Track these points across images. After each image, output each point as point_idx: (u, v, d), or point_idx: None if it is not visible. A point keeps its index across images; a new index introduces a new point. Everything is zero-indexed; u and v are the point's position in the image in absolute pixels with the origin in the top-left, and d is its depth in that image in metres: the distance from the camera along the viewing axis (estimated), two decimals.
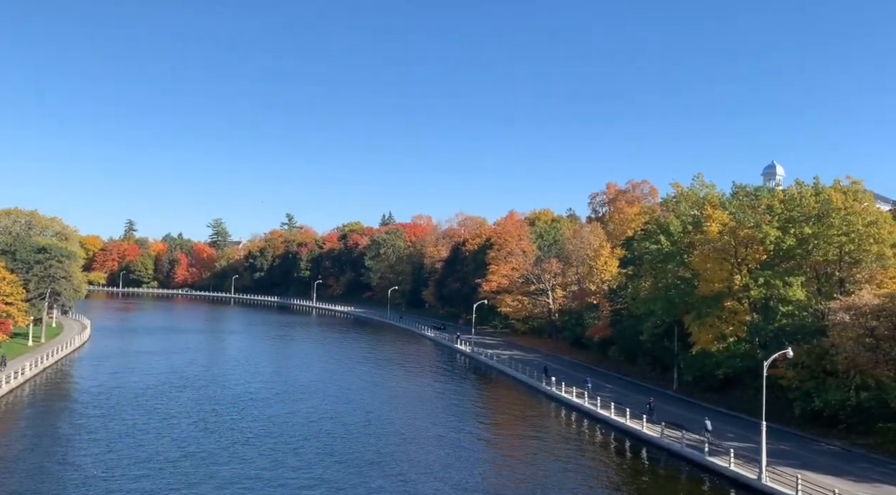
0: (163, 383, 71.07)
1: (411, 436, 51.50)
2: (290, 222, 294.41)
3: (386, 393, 70.17)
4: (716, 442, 46.68)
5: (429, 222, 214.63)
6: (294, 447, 47.27)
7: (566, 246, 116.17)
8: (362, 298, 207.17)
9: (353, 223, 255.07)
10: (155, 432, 50.15)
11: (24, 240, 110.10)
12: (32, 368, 73.29)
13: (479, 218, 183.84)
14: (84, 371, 78.90)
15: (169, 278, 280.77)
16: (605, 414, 58.17)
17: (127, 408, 58.06)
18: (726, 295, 62.62)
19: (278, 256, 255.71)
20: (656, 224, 75.36)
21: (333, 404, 62.85)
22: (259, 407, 60.36)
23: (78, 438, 48.06)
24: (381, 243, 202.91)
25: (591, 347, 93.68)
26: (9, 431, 50.38)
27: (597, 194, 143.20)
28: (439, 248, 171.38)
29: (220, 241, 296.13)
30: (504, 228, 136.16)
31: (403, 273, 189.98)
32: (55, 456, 43.39)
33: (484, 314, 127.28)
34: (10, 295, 79.48)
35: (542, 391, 71.05)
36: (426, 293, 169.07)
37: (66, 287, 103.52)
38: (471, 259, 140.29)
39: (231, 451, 45.70)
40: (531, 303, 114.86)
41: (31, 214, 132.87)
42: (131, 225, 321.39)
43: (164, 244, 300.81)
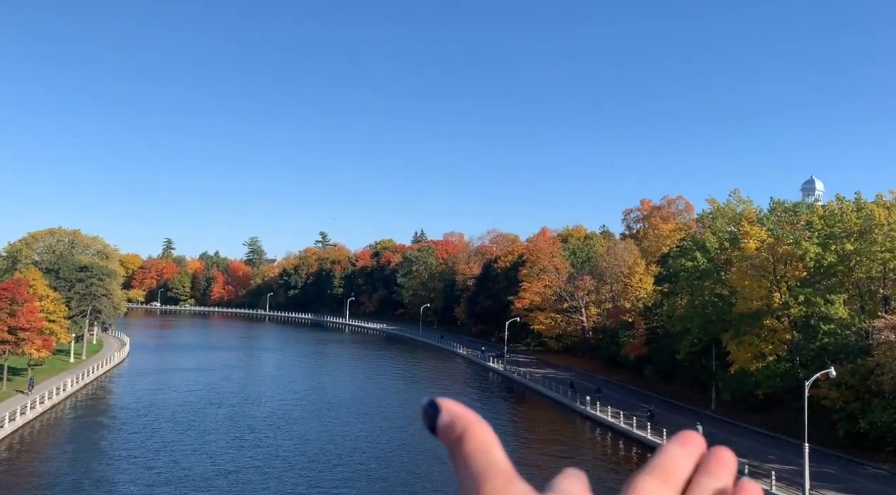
0: (199, 400, 72.02)
1: (445, 457, 51.14)
2: (324, 240, 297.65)
3: (420, 412, 69.92)
4: (754, 463, 45.55)
5: (461, 239, 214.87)
6: (329, 466, 47.40)
7: (600, 263, 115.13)
8: (394, 315, 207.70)
9: (386, 240, 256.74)
10: (191, 449, 50.76)
11: (66, 259, 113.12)
12: (73, 384, 74.94)
13: (511, 235, 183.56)
14: (123, 387, 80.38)
15: (206, 296, 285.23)
16: (641, 434, 57.21)
17: (164, 425, 58.93)
18: (765, 313, 61.32)
19: (312, 274, 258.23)
20: (692, 240, 74.38)
21: (367, 422, 62.92)
22: (294, 425, 60.73)
23: (116, 454, 48.90)
24: (413, 260, 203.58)
25: (627, 366, 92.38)
26: (50, 447, 51.50)
27: (631, 210, 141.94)
28: (471, 265, 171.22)
29: (255, 259, 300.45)
30: (536, 245, 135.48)
31: (435, 290, 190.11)
32: (94, 473, 44.16)
33: (516, 332, 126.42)
34: (54, 312, 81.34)
35: (577, 410, 70.21)
36: (458, 310, 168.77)
37: (107, 304, 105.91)
38: (503, 276, 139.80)
39: (265, 470, 46.00)
40: (564, 321, 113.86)
41: (74, 233, 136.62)
42: (169, 243, 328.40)
43: (201, 262, 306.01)
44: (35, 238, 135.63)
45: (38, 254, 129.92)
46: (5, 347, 67.15)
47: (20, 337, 67.88)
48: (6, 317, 66.91)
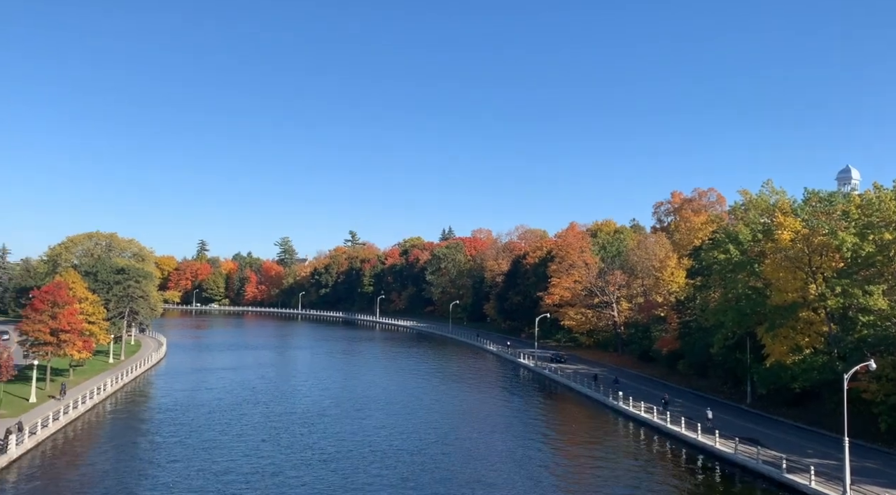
0: (235, 398, 73.22)
1: (479, 453, 51.33)
2: (353, 239, 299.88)
3: (451, 409, 70.25)
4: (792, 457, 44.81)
5: (489, 236, 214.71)
6: (363, 463, 47.87)
7: (630, 257, 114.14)
8: (424, 312, 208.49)
9: (414, 238, 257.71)
10: (228, 447, 51.70)
11: (104, 262, 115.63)
12: (113, 385, 76.72)
13: (540, 230, 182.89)
14: (161, 387, 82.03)
15: (239, 295, 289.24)
16: (675, 429, 56.70)
17: (202, 424, 60.07)
18: (801, 305, 60.19)
19: (342, 273, 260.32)
20: (725, 233, 73.31)
21: (400, 420, 63.34)
22: (328, 423, 61.42)
23: (156, 453, 49.99)
24: (441, 258, 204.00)
25: (659, 360, 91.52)
26: (92, 446, 52.79)
27: (661, 203, 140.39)
28: (500, 262, 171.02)
29: (287, 259, 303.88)
30: (565, 240, 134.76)
31: (464, 287, 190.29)
32: (134, 471, 45.21)
33: (547, 328, 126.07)
34: (93, 314, 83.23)
35: (609, 405, 69.83)
36: (487, 307, 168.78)
37: (144, 306, 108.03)
38: (532, 272, 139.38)
39: (301, 468, 46.65)
40: (595, 316, 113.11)
41: (111, 237, 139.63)
42: (203, 245, 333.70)
43: (235, 263, 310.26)
44: (74, 242, 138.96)
45: (77, 257, 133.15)
46: (48, 349, 68.94)
47: (61, 338, 69.62)
48: (48, 319, 68.68)
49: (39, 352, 68.94)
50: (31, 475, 44.10)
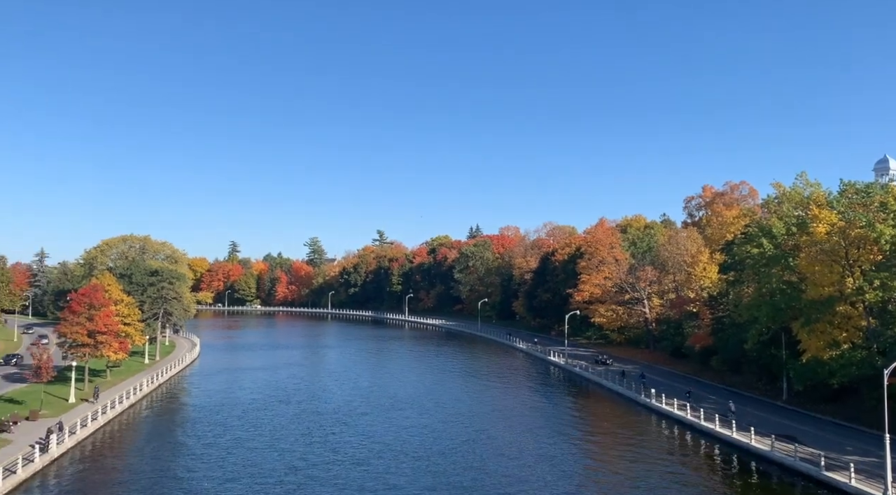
0: (267, 398, 74.08)
1: (510, 452, 51.19)
2: (381, 238, 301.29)
3: (482, 407, 70.17)
4: (831, 455, 43.85)
5: (516, 233, 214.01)
6: (396, 463, 48.07)
7: (661, 252, 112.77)
8: (453, 311, 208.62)
9: (442, 237, 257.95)
10: (261, 446, 52.33)
11: (138, 264, 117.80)
12: (149, 385, 78.15)
13: (568, 227, 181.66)
14: (195, 387, 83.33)
15: (270, 296, 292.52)
16: (709, 426, 55.92)
17: (235, 423, 60.89)
18: (838, 299, 58.85)
19: (371, 272, 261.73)
20: (758, 226, 72.02)
21: (431, 418, 63.46)
22: (359, 421, 61.81)
23: (191, 452, 50.79)
24: (469, 256, 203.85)
25: (692, 357, 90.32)
26: (129, 445, 53.85)
27: (692, 198, 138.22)
28: (528, 259, 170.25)
29: (316, 259, 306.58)
30: (594, 236, 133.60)
31: (493, 285, 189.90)
32: (170, 470, 46.00)
33: (577, 325, 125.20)
34: (128, 316, 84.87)
35: (641, 402, 69.14)
36: (516, 304, 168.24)
37: (177, 307, 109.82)
38: (561, 269, 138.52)
39: (333, 467, 47.01)
40: (626, 313, 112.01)
41: (145, 239, 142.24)
42: (235, 246, 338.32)
43: (265, 263, 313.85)
44: (109, 245, 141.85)
45: (111, 260, 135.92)
46: (85, 350, 70.49)
47: (98, 340, 71.11)
48: (85, 321, 70.19)
49: (77, 354, 70.51)
50: (71, 473, 45.14)
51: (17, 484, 41.40)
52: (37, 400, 64.25)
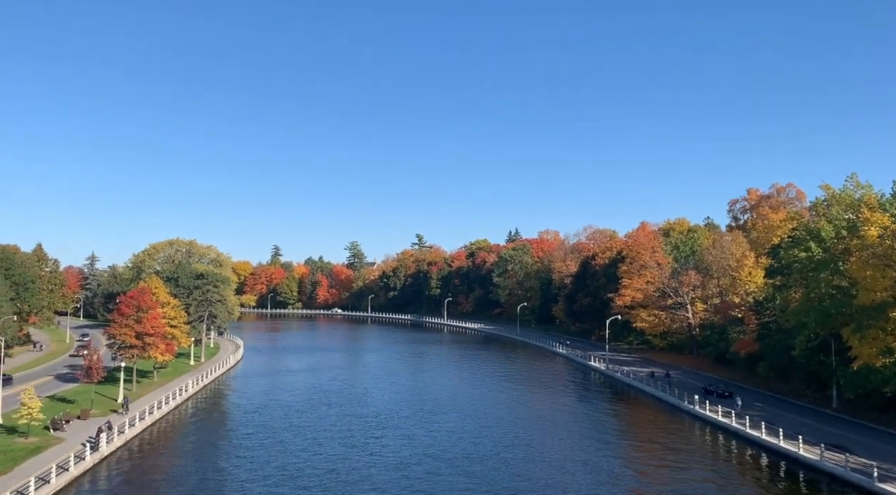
0: (309, 400, 74.99)
1: (551, 458, 50.79)
2: (420, 242, 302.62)
3: (523, 412, 69.83)
4: (884, 466, 42.38)
5: (556, 237, 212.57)
6: (434, 467, 48.16)
7: (705, 256, 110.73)
8: (492, 315, 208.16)
9: (480, 240, 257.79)
10: (303, 447, 53.01)
11: (184, 268, 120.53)
12: (194, 386, 79.87)
13: (609, 230, 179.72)
14: (239, 388, 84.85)
15: (311, 299, 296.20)
16: (754, 434, 54.64)
17: (278, 424, 61.80)
18: (891, 304, 56.89)
19: (410, 275, 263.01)
20: (805, 230, 70.25)
21: (471, 423, 63.41)
22: (400, 425, 62.13)
23: (235, 453, 51.73)
24: (508, 260, 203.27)
25: (737, 363, 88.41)
26: (175, 445, 55.11)
27: (737, 201, 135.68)
28: (568, 263, 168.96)
29: (356, 263, 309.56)
30: (636, 240, 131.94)
31: (532, 289, 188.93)
32: (215, 471, 46.91)
33: (618, 330, 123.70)
34: (175, 318, 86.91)
35: (685, 409, 67.93)
36: (556, 309, 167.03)
37: (222, 310, 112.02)
38: (601, 273, 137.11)
39: (373, 471, 47.33)
40: (669, 318, 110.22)
41: (191, 243, 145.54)
42: (277, 250, 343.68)
43: (307, 267, 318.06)
44: (156, 249, 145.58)
45: (159, 263, 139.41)
46: (133, 352, 72.45)
47: (146, 342, 73.05)
48: (133, 323, 72.17)
49: (126, 355, 72.49)
50: (120, 472, 46.41)
51: (69, 481, 42.74)
52: (87, 399, 66.24)
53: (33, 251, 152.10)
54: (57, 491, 40.75)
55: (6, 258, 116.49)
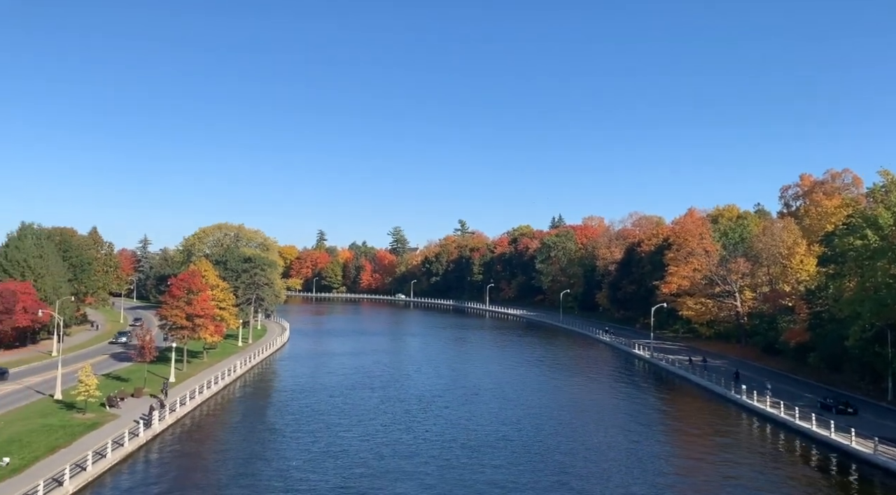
0: (353, 383, 76.12)
1: (596, 446, 50.54)
2: (463, 228, 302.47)
3: (565, 399, 69.58)
4: None
5: (600, 223, 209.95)
6: (476, 453, 48.45)
7: (755, 244, 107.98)
8: (534, 301, 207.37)
9: (523, 226, 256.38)
10: (348, 430, 53.94)
11: (233, 251, 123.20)
12: (242, 367, 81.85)
13: (655, 217, 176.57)
14: (285, 369, 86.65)
15: (355, 283, 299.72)
16: (804, 426, 53.36)
17: (323, 406, 62.95)
18: None
19: (452, 261, 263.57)
20: (862, 217, 67.87)
21: (513, 408, 63.51)
22: (442, 409, 62.63)
23: (281, 433, 52.94)
24: (551, 246, 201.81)
25: (786, 353, 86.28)
26: (224, 424, 56.67)
27: (789, 186, 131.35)
28: (612, 250, 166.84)
29: (399, 248, 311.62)
30: (683, 227, 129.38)
31: (575, 276, 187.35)
32: (261, 450, 48.11)
33: (663, 318, 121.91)
34: (223, 300, 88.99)
35: (731, 399, 66.73)
36: (599, 296, 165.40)
37: (269, 293, 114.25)
38: (647, 260, 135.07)
39: (416, 454, 47.84)
40: (716, 306, 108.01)
41: (239, 228, 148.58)
42: (322, 235, 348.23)
43: (351, 252, 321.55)
44: (206, 232, 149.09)
45: (208, 247, 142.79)
46: (184, 332, 74.53)
47: (196, 323, 75.07)
48: (184, 305, 74.20)
49: (177, 336, 74.63)
50: (172, 448, 47.99)
51: (124, 456, 44.38)
52: (141, 378, 68.54)
53: (89, 234, 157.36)
54: (112, 466, 42.38)
55: (64, 241, 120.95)
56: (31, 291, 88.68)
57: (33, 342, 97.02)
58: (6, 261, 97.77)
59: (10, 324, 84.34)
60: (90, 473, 39.74)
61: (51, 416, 52.27)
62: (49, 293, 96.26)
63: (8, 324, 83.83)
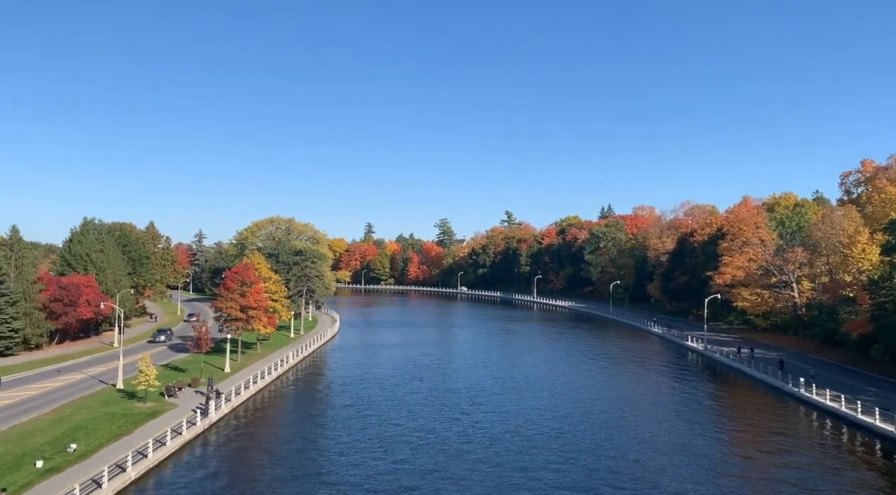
0: (403, 374, 76.74)
1: (648, 439, 49.82)
2: (510, 219, 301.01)
3: (617, 392, 68.67)
4: None
5: (651, 213, 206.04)
6: (527, 444, 48.35)
7: (813, 232, 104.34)
8: (583, 293, 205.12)
9: (571, 217, 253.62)
10: (398, 420, 54.46)
11: (284, 244, 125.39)
12: (294, 357, 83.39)
13: (708, 206, 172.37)
14: (336, 360, 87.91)
15: (403, 275, 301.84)
16: (867, 420, 51.51)
17: (374, 398, 63.61)
18: None
19: (499, 253, 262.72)
20: None
21: (563, 401, 63.05)
22: (490, 400, 62.64)
23: (333, 423, 53.78)
24: (600, 237, 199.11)
25: (847, 345, 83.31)
26: (277, 414, 57.87)
27: (850, 173, 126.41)
28: (664, 240, 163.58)
29: (445, 240, 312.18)
30: (738, 216, 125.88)
31: (625, 267, 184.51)
32: (314, 439, 49.02)
33: (717, 309, 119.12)
34: (276, 292, 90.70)
35: (788, 392, 64.84)
36: (651, 287, 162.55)
37: (319, 285, 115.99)
38: (700, 250, 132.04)
39: (466, 446, 48.00)
40: (772, 297, 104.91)
41: (290, 221, 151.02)
42: (370, 227, 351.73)
43: (398, 244, 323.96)
44: (258, 226, 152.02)
45: (260, 240, 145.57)
46: (238, 324, 76.33)
47: (250, 315, 76.77)
48: (238, 297, 75.94)
49: (231, 327, 76.48)
50: (227, 436, 49.29)
51: (182, 444, 45.80)
52: (197, 368, 70.53)
53: (147, 229, 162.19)
54: (171, 453, 43.79)
55: (124, 235, 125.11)
56: (93, 284, 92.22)
57: (96, 333, 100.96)
58: (70, 255, 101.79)
59: (75, 316, 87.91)
60: (151, 460, 41.16)
61: (113, 405, 54.30)
62: (110, 286, 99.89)
63: (73, 316, 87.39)
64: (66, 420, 49.01)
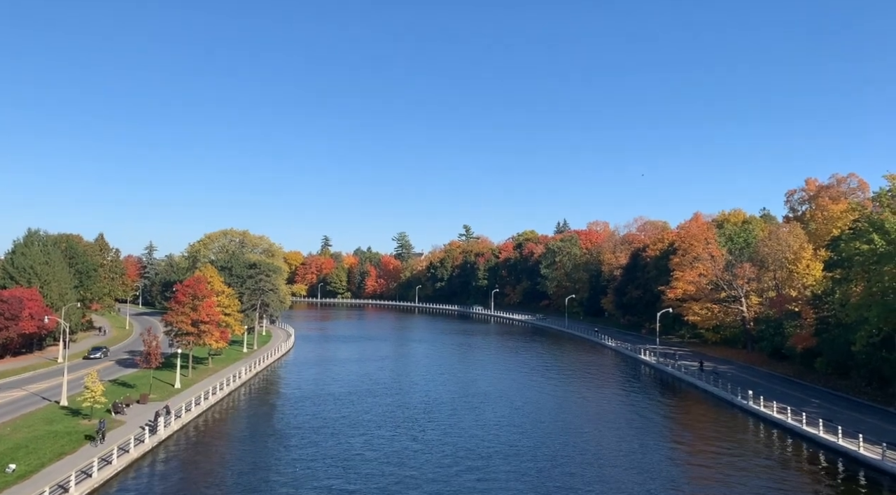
0: (358, 390, 76.00)
1: (602, 452, 50.37)
2: (468, 233, 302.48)
3: (571, 405, 69.33)
4: None
5: (605, 228, 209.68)
6: (484, 461, 48.31)
7: (761, 248, 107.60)
8: (539, 306, 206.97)
9: (528, 232, 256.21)
10: (354, 436, 53.90)
11: (238, 257, 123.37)
12: (247, 373, 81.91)
13: (660, 222, 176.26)
14: (290, 376, 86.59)
15: (360, 289, 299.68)
16: (811, 432, 53.05)
17: (329, 413, 62.87)
18: None
19: (457, 266, 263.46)
20: (868, 221, 67.60)
21: (520, 415, 63.29)
22: (449, 417, 62.44)
23: (287, 441, 52.87)
24: (556, 251, 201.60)
25: (793, 358, 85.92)
26: (229, 430, 56.61)
27: (795, 191, 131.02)
28: (617, 255, 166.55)
29: (404, 254, 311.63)
30: (689, 232, 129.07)
31: (580, 281, 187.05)
32: (267, 457, 48.10)
33: (669, 323, 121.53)
34: (228, 306, 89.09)
35: (737, 405, 66.42)
36: (605, 301, 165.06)
37: (274, 299, 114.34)
38: (652, 265, 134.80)
39: (423, 461, 47.73)
40: (722, 312, 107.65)
41: (244, 234, 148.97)
42: (327, 240, 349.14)
43: (356, 257, 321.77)
44: (211, 239, 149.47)
45: (213, 253, 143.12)
46: (189, 339, 74.65)
47: (201, 329, 75.16)
48: (189, 311, 74.32)
49: (182, 342, 74.75)
50: (176, 454, 48.00)
51: (129, 463, 44.43)
52: (146, 384, 68.64)
53: (95, 240, 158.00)
54: (118, 472, 42.42)
55: (70, 247, 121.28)
56: (37, 298, 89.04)
57: (39, 348, 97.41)
58: (12, 267, 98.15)
59: (17, 331, 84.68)
60: (96, 479, 39.79)
61: (56, 423, 52.40)
62: (55, 299, 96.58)
63: (14, 330, 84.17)
64: (4, 439, 47.07)
